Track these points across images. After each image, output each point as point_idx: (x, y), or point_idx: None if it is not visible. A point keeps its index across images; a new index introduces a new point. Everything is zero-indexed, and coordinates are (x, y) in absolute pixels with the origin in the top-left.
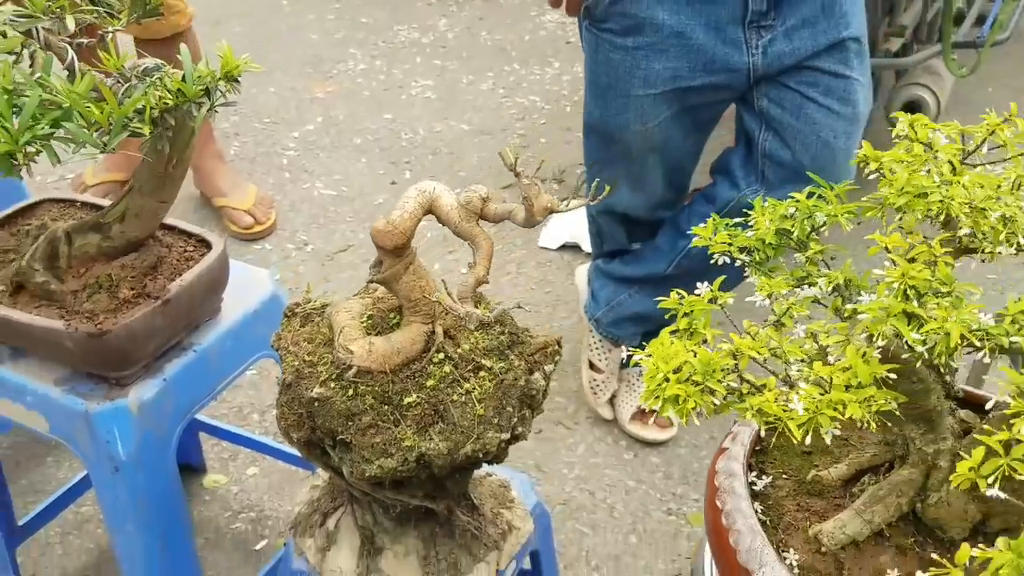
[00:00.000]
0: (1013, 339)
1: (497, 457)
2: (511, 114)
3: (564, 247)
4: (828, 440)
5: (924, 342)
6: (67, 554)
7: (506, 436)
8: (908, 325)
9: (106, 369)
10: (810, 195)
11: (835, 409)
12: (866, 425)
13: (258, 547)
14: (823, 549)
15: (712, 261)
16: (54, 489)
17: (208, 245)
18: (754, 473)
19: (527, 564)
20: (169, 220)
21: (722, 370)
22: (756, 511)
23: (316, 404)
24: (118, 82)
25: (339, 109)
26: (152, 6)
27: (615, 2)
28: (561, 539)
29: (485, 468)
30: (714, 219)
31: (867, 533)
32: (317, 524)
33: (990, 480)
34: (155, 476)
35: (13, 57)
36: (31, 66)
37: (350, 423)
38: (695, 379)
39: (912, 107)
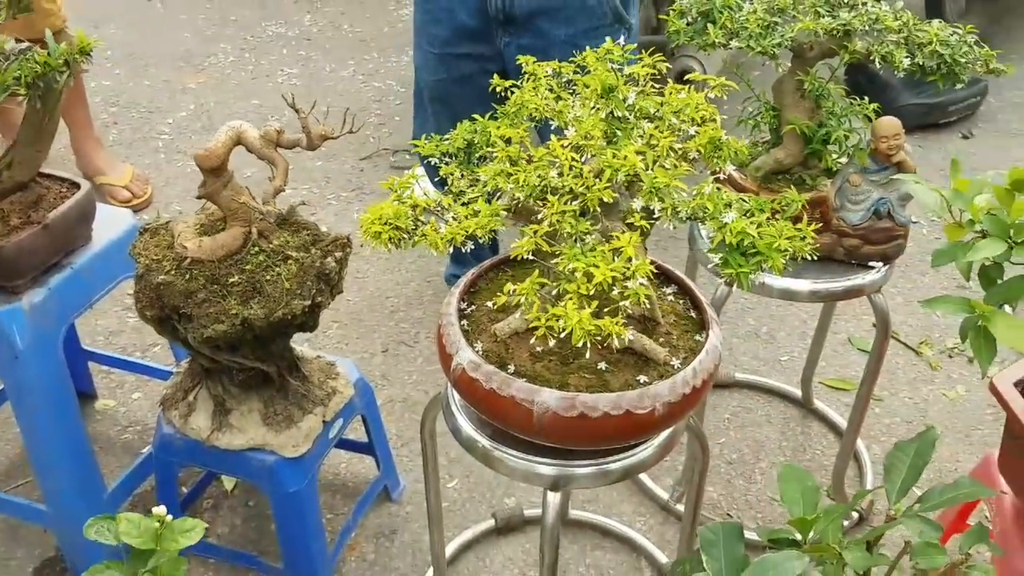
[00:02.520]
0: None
1: (306, 323)
2: (369, 97)
3: None
4: (466, 249)
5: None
6: None
7: (307, 303)
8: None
9: (2, 280)
10: None
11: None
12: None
13: (143, 451)
14: (497, 338)
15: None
16: None
17: (78, 186)
18: (464, 303)
19: (363, 436)
20: (46, 169)
21: (407, 216)
22: (462, 325)
23: (162, 287)
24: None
25: (210, 97)
26: (24, 4)
27: None
28: (402, 426)
29: (316, 352)
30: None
31: (524, 327)
32: (180, 399)
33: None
34: (45, 363)
35: None
36: None
37: (189, 299)
38: (390, 223)
39: (683, 75)
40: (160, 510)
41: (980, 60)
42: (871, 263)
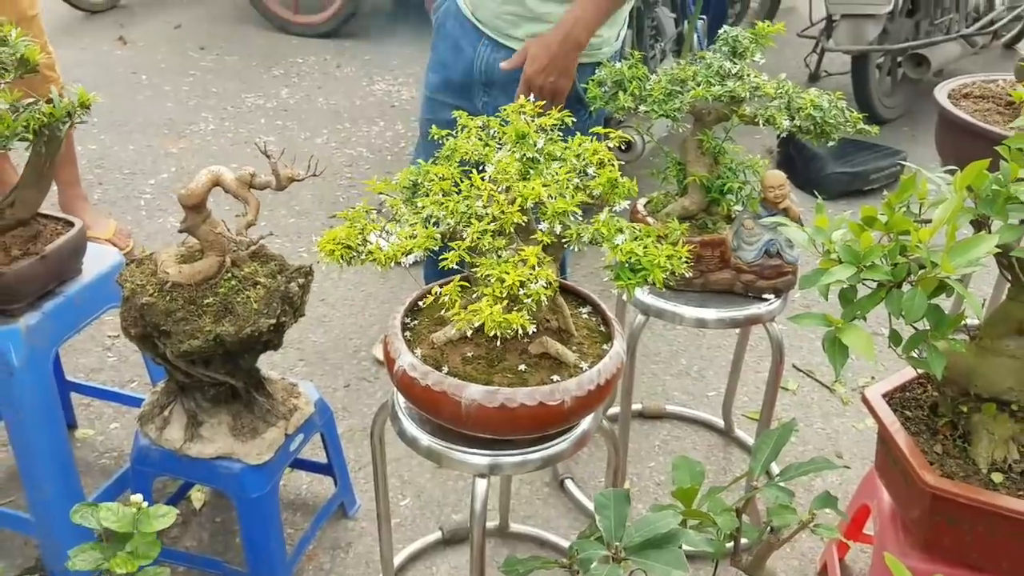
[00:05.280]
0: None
1: (271, 341)
2: (340, 162)
3: None
4: (406, 264)
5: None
6: None
7: (273, 322)
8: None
9: (2, 303)
10: None
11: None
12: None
13: (118, 474)
14: (434, 345)
15: None
16: None
17: (72, 225)
18: (408, 318)
19: (324, 458)
20: (44, 210)
21: (356, 237)
22: (405, 335)
23: (145, 308)
24: (11, 109)
25: (191, 161)
26: (31, 67)
27: (435, 11)
28: (360, 452)
29: (279, 373)
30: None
31: (457, 336)
32: (156, 414)
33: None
34: (38, 379)
35: None
36: None
37: (168, 318)
38: (342, 242)
39: (626, 143)
40: (137, 498)
41: (849, 122)
42: (765, 296)
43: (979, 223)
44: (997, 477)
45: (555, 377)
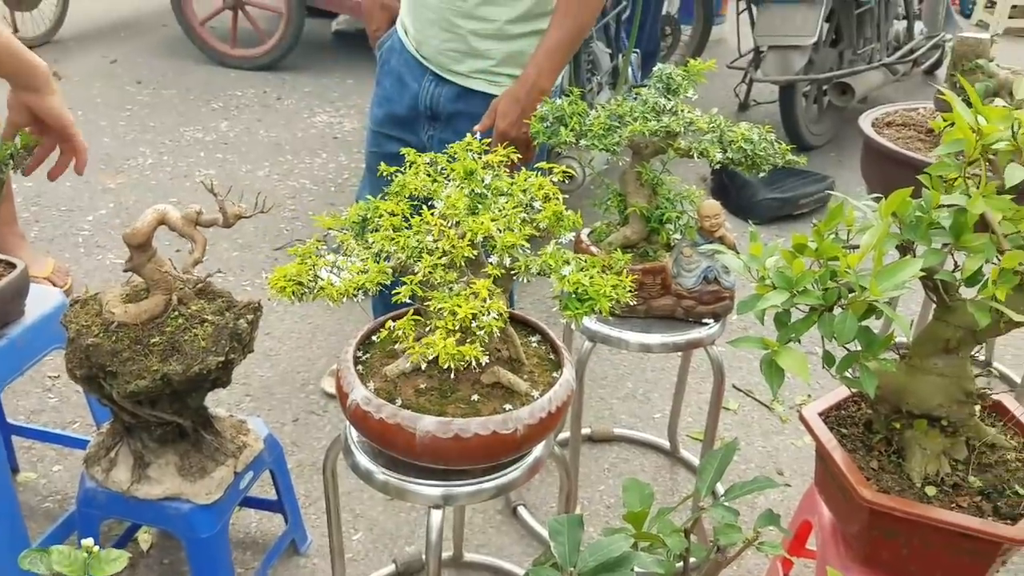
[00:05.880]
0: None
1: (219, 378)
2: (283, 194)
3: None
4: (357, 300)
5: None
6: None
7: (221, 359)
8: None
9: None
10: None
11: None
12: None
13: (63, 517)
14: (387, 378)
15: None
16: None
17: (14, 266)
18: (361, 351)
19: (274, 496)
20: None
21: (307, 274)
22: (357, 369)
23: (90, 349)
24: None
25: (129, 196)
26: None
27: (379, 47)
28: (310, 487)
29: (227, 410)
30: None
31: (410, 369)
32: (102, 456)
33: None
34: None
35: None
36: None
37: (114, 358)
38: (293, 279)
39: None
40: (88, 542)
41: (778, 154)
42: (705, 320)
43: (904, 248)
44: (931, 490)
45: (507, 406)
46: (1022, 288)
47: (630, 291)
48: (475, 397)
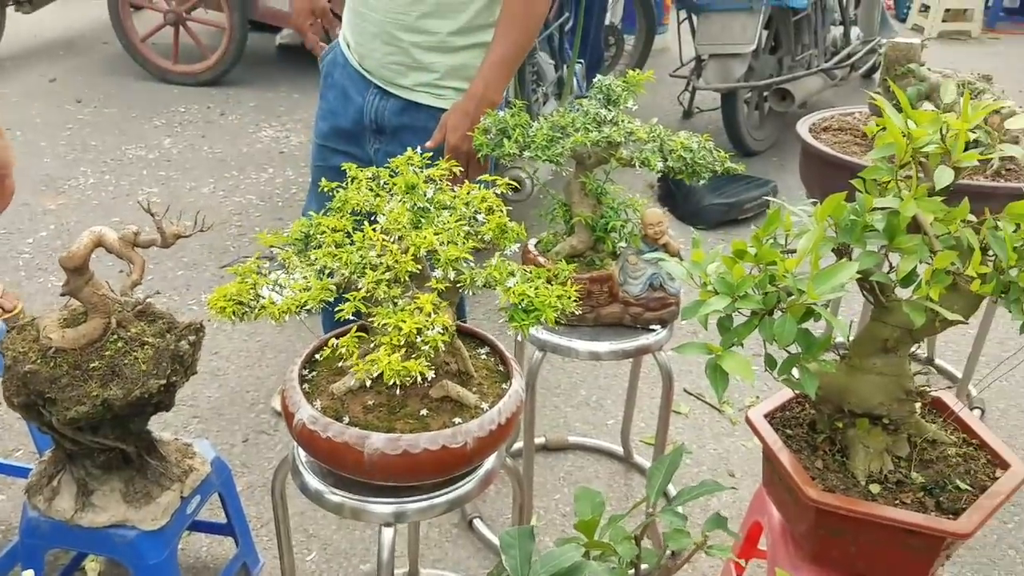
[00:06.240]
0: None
1: (162, 402)
2: (229, 211)
3: None
4: (292, 318)
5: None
6: None
7: (163, 382)
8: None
9: None
10: None
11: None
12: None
13: (7, 548)
14: (334, 396)
15: None
16: None
17: None
18: (307, 370)
19: (222, 517)
20: None
21: (248, 293)
22: (303, 388)
23: (28, 375)
24: None
25: (70, 217)
26: None
27: (322, 60)
28: (261, 508)
29: (173, 433)
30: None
31: (357, 386)
32: (44, 484)
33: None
34: None
35: None
36: None
37: (53, 385)
38: (233, 299)
39: (516, 181)
40: (29, 573)
41: (718, 161)
42: (652, 327)
43: (840, 251)
44: (875, 488)
45: (457, 420)
46: (955, 288)
47: (576, 300)
48: (424, 412)
